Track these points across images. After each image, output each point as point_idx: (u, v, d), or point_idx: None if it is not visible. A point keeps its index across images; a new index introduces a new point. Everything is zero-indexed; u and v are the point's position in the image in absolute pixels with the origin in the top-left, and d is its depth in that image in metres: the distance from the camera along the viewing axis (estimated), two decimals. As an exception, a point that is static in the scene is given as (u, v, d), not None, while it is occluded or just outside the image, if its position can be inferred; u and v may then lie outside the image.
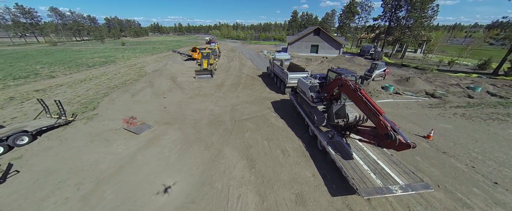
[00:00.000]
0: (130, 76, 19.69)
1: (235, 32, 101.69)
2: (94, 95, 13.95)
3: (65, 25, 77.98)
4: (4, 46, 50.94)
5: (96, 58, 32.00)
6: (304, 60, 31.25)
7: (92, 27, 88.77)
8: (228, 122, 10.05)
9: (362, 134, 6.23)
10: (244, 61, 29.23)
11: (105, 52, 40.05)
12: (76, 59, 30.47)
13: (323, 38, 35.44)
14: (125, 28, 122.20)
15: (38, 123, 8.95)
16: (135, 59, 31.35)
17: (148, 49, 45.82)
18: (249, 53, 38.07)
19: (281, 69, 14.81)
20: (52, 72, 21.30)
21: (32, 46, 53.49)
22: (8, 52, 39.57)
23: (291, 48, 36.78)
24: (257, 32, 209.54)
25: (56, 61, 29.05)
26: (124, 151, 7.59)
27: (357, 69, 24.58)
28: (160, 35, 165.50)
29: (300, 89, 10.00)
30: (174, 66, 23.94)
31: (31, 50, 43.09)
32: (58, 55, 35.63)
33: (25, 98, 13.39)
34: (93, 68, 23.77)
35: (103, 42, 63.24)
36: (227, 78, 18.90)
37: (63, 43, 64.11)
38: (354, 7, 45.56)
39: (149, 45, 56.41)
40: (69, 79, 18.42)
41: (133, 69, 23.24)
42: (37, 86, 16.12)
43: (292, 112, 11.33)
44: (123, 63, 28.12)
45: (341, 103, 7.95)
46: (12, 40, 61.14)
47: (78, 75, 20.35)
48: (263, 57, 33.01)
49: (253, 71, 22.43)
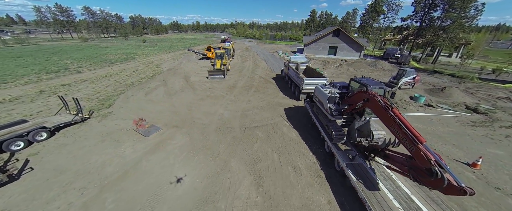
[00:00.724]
0: (146, 73, 20.27)
1: (250, 31, 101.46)
2: (111, 92, 14.46)
3: (96, 22, 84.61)
4: (45, 42, 56.80)
5: (118, 55, 33.90)
6: (320, 62, 29.62)
7: (118, 25, 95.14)
8: (237, 129, 9.53)
9: (392, 160, 5.22)
10: (258, 62, 28.58)
11: (127, 49, 42.37)
12: (101, 55, 32.56)
13: (342, 39, 33.25)
14: (147, 26, 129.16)
15: (57, 119, 9.32)
16: (153, 57, 32.54)
17: (166, 47, 47.51)
18: (264, 54, 37.31)
19: (296, 74, 13.88)
20: (79, 68, 22.86)
21: (67, 42, 58.88)
22: (46, 47, 43.91)
23: (308, 50, 35.19)
24: (272, 31, 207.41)
25: (84, 57, 31.32)
26: (130, 154, 7.47)
27: (380, 75, 22.51)
28: (179, 33, 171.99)
29: (317, 98, 9.07)
30: (188, 65, 24.21)
31: (65, 46, 47.33)
32: (87, 51, 38.51)
33: (52, 92, 14.33)
34: (115, 65, 25.05)
35: (126, 39, 67.32)
36: (240, 80, 18.44)
37: (92, 39, 69.68)
38: (379, 6, 41.99)
39: (167, 43, 58.55)
40: (92, 75, 19.51)
41: (150, 66, 23.99)
42: (64, 81, 17.28)
43: (306, 122, 10.43)
44: (142, 60, 29.30)
45: (364, 119, 6.92)
46: (51, 36, 68.01)
47: (101, 71, 21.52)
48: (277, 58, 32.03)
49: (266, 73, 21.69)
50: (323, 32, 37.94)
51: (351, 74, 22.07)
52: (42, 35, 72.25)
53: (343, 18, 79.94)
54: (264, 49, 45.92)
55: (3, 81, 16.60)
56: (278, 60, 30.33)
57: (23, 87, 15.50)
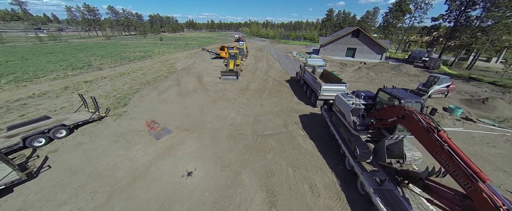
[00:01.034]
0: (161, 72, 20.67)
1: (264, 30, 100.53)
2: (128, 90, 14.84)
3: (118, 21, 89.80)
4: (74, 39, 61.54)
5: (137, 53, 35.34)
6: (338, 65, 28.06)
7: (138, 23, 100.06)
8: (249, 136, 9.06)
9: (436, 194, 4.35)
10: (271, 62, 27.87)
11: (145, 47, 44.12)
12: (121, 53, 34.17)
13: (362, 40, 31.15)
14: (165, 24, 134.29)
15: (76, 117, 9.62)
16: (168, 55, 33.40)
17: (181, 45, 48.69)
18: (278, 54, 36.43)
19: (313, 78, 13.02)
20: (101, 65, 24.08)
21: (92, 39, 63.21)
22: (75, 44, 47.36)
23: (324, 51, 33.60)
24: (286, 31, 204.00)
25: (107, 54, 33.10)
26: (141, 158, 7.37)
27: (404, 80, 20.59)
28: (194, 31, 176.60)
29: (337, 108, 8.24)
30: (201, 64, 24.30)
31: (91, 43, 50.65)
32: (109, 49, 40.78)
33: (76, 89, 15.09)
34: (133, 63, 26.03)
35: (145, 37, 70.43)
36: (253, 82, 17.96)
37: (115, 37, 74.07)
38: (405, 5, 38.55)
39: (183, 41, 60.07)
40: (112, 73, 20.37)
41: (165, 65, 24.52)
42: (87, 78, 18.20)
43: (323, 132, 9.63)
44: (158, 58, 30.17)
45: (396, 137, 6.02)
46: (79, 33, 73.55)
47: (120, 68, 22.43)
48: (292, 59, 30.99)
49: (280, 75, 20.94)
50: (341, 33, 35.95)
51: (371, 79, 20.48)
52: (72, 33, 78.42)
53: (362, 18, 75.57)
54: (278, 49, 44.96)
55: (35, 77, 17.92)
56: (293, 61, 29.31)
57: (51, 82, 16.57)
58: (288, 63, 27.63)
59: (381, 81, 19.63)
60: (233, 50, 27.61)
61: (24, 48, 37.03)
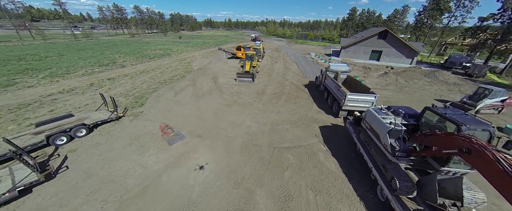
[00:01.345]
0: (178, 71, 20.94)
1: (281, 30, 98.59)
2: (146, 89, 15.13)
3: (142, 20, 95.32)
4: (103, 36, 66.68)
5: (157, 51, 36.77)
6: (360, 69, 25.91)
7: (160, 22, 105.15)
8: (265, 148, 8.38)
9: None
10: (288, 64, 26.75)
11: (165, 45, 45.83)
12: (143, 51, 35.80)
13: (390, 42, 28.31)
14: (184, 22, 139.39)
15: (96, 116, 9.85)
16: (186, 53, 34.12)
17: (198, 44, 49.68)
18: (295, 55, 35.05)
19: (336, 86, 11.83)
20: (124, 62, 25.32)
21: (119, 36, 67.80)
22: (103, 41, 51.06)
23: (345, 53, 31.38)
24: (304, 30, 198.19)
25: (130, 51, 34.93)
26: (153, 165, 7.13)
27: (442, 90, 18.08)
28: (211, 29, 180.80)
29: (368, 125, 7.14)
30: (217, 65, 24.18)
31: (117, 40, 54.21)
32: (133, 46, 43.16)
33: (100, 86, 15.84)
34: (152, 61, 26.96)
35: (165, 35, 73.57)
36: (269, 85, 17.20)
37: (138, 34, 78.70)
38: (444, 3, 34.13)
39: (200, 40, 61.39)
40: (133, 70, 21.19)
41: (182, 64, 24.91)
42: (110, 75, 19.12)
43: (348, 149, 8.55)
44: (176, 57, 30.93)
45: (452, 173, 4.82)
46: (108, 31, 79.53)
47: (140, 66, 23.30)
48: (310, 61, 29.46)
49: (298, 78, 19.83)
50: (365, 34, 33.24)
51: (401, 87, 18.35)
52: (102, 31, 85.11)
53: (389, 17, 69.78)
54: (295, 50, 43.41)
55: (67, 72, 19.33)
56: (311, 64, 27.81)
57: (79, 79, 17.68)
58: (306, 66, 26.25)
59: (412, 90, 17.48)
60: (250, 50, 27.11)
61: (61, 45, 40.83)
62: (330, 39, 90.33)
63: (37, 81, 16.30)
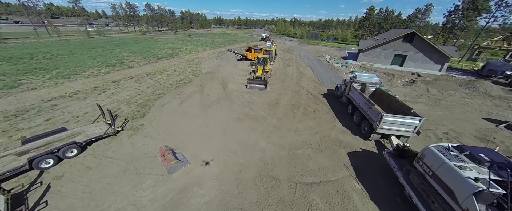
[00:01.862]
0: (185, 74, 19.76)
1: (291, 29, 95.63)
2: (150, 95, 14.02)
3: (153, 17, 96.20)
4: (115, 34, 67.70)
5: (165, 50, 36.07)
6: (382, 75, 23.47)
7: (171, 19, 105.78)
8: (284, 183, 6.81)
9: None
10: (302, 68, 24.82)
11: (174, 44, 45.22)
12: (152, 50, 35.21)
13: (417, 46, 25.43)
14: (194, 20, 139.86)
15: (92, 131, 8.73)
16: (194, 54, 33.08)
17: (207, 43, 48.67)
18: (308, 58, 32.91)
19: (366, 102, 9.93)
20: (132, 62, 24.60)
21: (130, 34, 68.52)
22: (115, 39, 51.40)
23: (364, 57, 28.81)
24: (315, 29, 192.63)
25: (139, 50, 34.47)
26: (147, 205, 5.80)
27: (487, 104, 15.50)
28: (221, 27, 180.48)
29: (428, 169, 5.33)
30: (227, 68, 22.73)
31: (128, 38, 54.46)
32: (142, 44, 42.90)
33: (103, 89, 14.95)
34: (160, 61, 26.08)
35: (175, 33, 73.49)
36: (283, 93, 15.52)
37: (149, 32, 79.35)
38: (483, 2, 30.14)
39: (209, 38, 60.48)
40: (139, 72, 20.29)
41: (190, 65, 23.77)
42: (116, 77, 18.30)
43: (390, 190, 6.77)
44: (184, 57, 29.94)
45: None
46: (120, 29, 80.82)
47: (147, 67, 22.41)
48: (325, 65, 27.28)
49: (315, 86, 17.93)
50: (388, 36, 30.42)
51: (436, 100, 15.94)
52: (115, 28, 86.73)
53: (409, 17, 65.05)
54: (308, 51, 41.14)
55: (74, 73, 18.75)
56: (327, 68, 25.65)
57: (84, 80, 16.96)
58: (322, 70, 24.17)
59: (450, 104, 15.07)
60: (261, 52, 25.46)
61: (74, 42, 41.34)
62: (343, 40, 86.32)
63: (42, 83, 15.70)
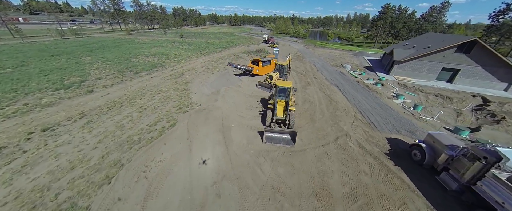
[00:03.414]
0: (167, 107, 13.41)
1: (292, 28, 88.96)
2: (92, 171, 7.71)
3: (142, 14, 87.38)
4: (97, 33, 59.43)
5: (149, 57, 29.28)
6: (432, 98, 17.71)
7: (162, 17, 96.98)
8: None
9: None
10: (328, 89, 18.67)
11: (162, 47, 38.21)
12: (132, 57, 28.33)
13: (476, 58, 19.54)
14: (188, 17, 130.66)
15: None
16: (185, 63, 26.49)
17: (201, 46, 41.88)
18: (326, 69, 26.81)
19: None
20: (98, 80, 17.98)
21: (114, 34, 60.38)
22: (93, 41, 43.67)
23: (399, 69, 22.95)
24: (314, 27, 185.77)
25: (116, 58, 27.60)
26: None
27: None
28: (216, 25, 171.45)
29: None
30: (227, 96, 16.16)
31: (109, 39, 46.75)
32: (123, 49, 35.76)
33: (8, 159, 8.53)
34: (138, 77, 19.47)
35: (165, 33, 65.72)
36: (324, 155, 9.43)
37: (137, 31, 71.11)
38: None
39: (204, 39, 53.43)
40: (100, 102, 13.80)
41: (176, 86, 17.34)
42: (56, 115, 11.75)
43: None
44: (171, 69, 23.37)
45: None
46: (103, 27, 72.15)
47: (116, 91, 15.88)
48: (353, 82, 21.20)
49: (364, 131, 11.65)
50: (423, 41, 24.70)
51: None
52: (99, 26, 77.64)
53: (423, 16, 59.77)
54: (320, 58, 35.02)
55: (-6, 106, 12.15)
56: (359, 88, 19.41)
57: (2, 123, 10.47)
58: (356, 94, 17.95)
59: None
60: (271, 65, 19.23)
61: (38, 47, 33.83)
62: (348, 40, 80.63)
63: None
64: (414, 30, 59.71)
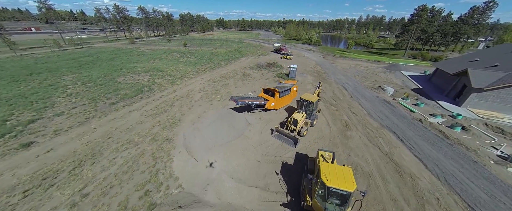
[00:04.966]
0: (126, 189, 7.85)
1: (304, 34, 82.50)
2: None
3: (148, 21, 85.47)
4: (100, 43, 56.91)
5: (141, 75, 24.54)
6: None
7: (168, 23, 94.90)
8: None
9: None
10: (383, 141, 12.20)
11: (160, 61, 33.67)
12: (120, 75, 23.66)
13: None
14: (195, 23, 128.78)
15: None
16: (180, 85, 21.28)
17: (204, 57, 36.99)
18: (362, 94, 20.26)
19: None
20: (57, 116, 13.05)
21: (118, 43, 57.63)
22: (91, 52, 40.33)
23: (478, 99, 15.98)
24: (325, 31, 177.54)
25: (102, 76, 23.16)
26: None
27: None
28: (224, 30, 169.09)
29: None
30: (228, 171, 10.53)
31: (108, 50, 43.29)
32: (116, 63, 31.68)
33: None
34: (112, 111, 14.30)
35: (169, 41, 62.16)
36: None
37: (141, 39, 68.49)
38: None
39: (209, 48, 48.78)
40: (20, 174, 8.53)
41: (159, 127, 11.92)
42: None
43: None
44: (160, 95, 18.16)
45: None
46: (107, 35, 70.34)
47: (66, 143, 10.61)
48: (419, 126, 14.67)
49: None
50: (495, 53, 17.66)
51: None
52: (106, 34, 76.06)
53: (461, 17, 51.25)
54: (347, 74, 28.45)
55: None
56: (436, 140, 13.01)
57: None
58: (435, 153, 11.29)
59: None
60: (291, 94, 13.22)
61: (26, 61, 30.56)
62: (367, 45, 72.85)
63: None
64: (450, 35, 51.41)
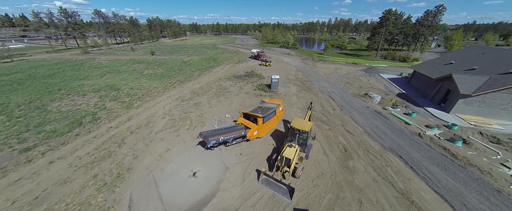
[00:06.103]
0: None
1: (281, 37, 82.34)
2: None
3: (108, 27, 74.91)
4: (42, 54, 46.49)
5: (87, 97, 18.98)
6: None
7: (133, 29, 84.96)
8: None
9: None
10: (392, 171, 10.11)
11: (119, 75, 27.83)
12: (55, 100, 17.63)
13: None
14: (165, 28, 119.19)
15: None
16: (139, 108, 16.70)
17: (174, 68, 32.32)
18: (351, 104, 18.71)
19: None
20: None
21: (65, 53, 48.05)
22: (25, 66, 31.89)
23: (466, 105, 15.55)
24: (299, 33, 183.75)
25: (26, 103, 16.84)
26: None
27: None
28: (198, 35, 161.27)
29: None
30: None
31: (50, 63, 34.94)
32: (56, 80, 24.97)
33: None
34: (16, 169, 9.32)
35: (133, 50, 54.60)
36: None
37: (99, 48, 58.88)
38: None
39: (180, 57, 43.71)
40: None
41: (100, 180, 7.66)
42: None
43: None
44: (107, 128, 13.44)
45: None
46: (51, 44, 58.64)
47: None
48: (421, 143, 13.24)
49: None
50: (472, 53, 17.99)
51: None
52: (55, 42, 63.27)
53: (418, 20, 56.58)
54: (330, 80, 27.21)
55: None
56: (444, 161, 11.50)
57: None
58: (453, 183, 9.59)
59: None
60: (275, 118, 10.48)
61: None
62: (340, 47, 76.07)
63: None
64: (411, 36, 56.47)
